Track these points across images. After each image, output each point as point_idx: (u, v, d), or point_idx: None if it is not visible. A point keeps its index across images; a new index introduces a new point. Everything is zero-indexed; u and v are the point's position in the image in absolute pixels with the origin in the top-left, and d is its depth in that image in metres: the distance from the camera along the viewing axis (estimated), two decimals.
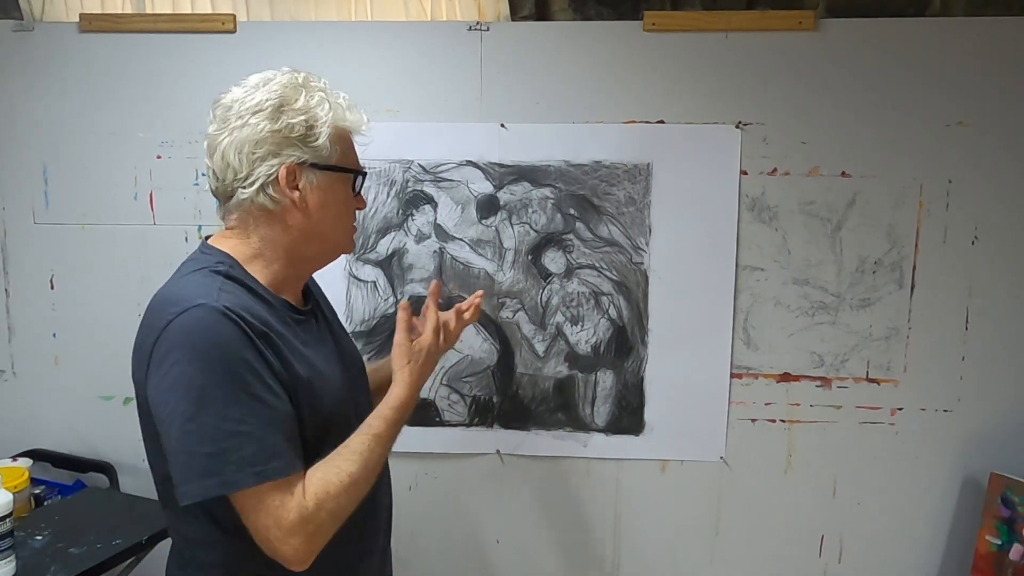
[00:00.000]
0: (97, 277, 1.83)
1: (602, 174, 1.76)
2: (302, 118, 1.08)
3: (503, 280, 1.79)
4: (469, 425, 1.84)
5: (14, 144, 1.80)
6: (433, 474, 1.86)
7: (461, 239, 1.79)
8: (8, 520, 1.32)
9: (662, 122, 1.74)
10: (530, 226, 1.78)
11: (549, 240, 1.78)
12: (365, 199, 1.22)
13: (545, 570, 1.89)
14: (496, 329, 1.81)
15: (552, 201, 1.77)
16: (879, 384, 1.78)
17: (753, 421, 1.81)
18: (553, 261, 1.79)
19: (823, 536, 1.84)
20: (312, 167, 1.10)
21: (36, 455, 1.83)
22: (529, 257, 1.79)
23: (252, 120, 1.07)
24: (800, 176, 1.74)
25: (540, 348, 1.81)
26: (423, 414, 1.81)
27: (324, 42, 1.75)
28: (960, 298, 1.75)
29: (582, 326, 1.80)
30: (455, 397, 1.83)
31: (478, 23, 1.74)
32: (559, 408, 1.82)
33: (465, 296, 1.78)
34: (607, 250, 1.78)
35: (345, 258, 1.79)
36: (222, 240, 1.12)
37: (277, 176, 1.08)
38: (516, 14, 1.81)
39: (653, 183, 1.75)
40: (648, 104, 1.73)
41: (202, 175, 1.77)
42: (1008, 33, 1.67)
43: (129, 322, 1.78)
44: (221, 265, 1.08)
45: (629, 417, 1.82)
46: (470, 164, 1.77)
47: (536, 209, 1.77)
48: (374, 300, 1.80)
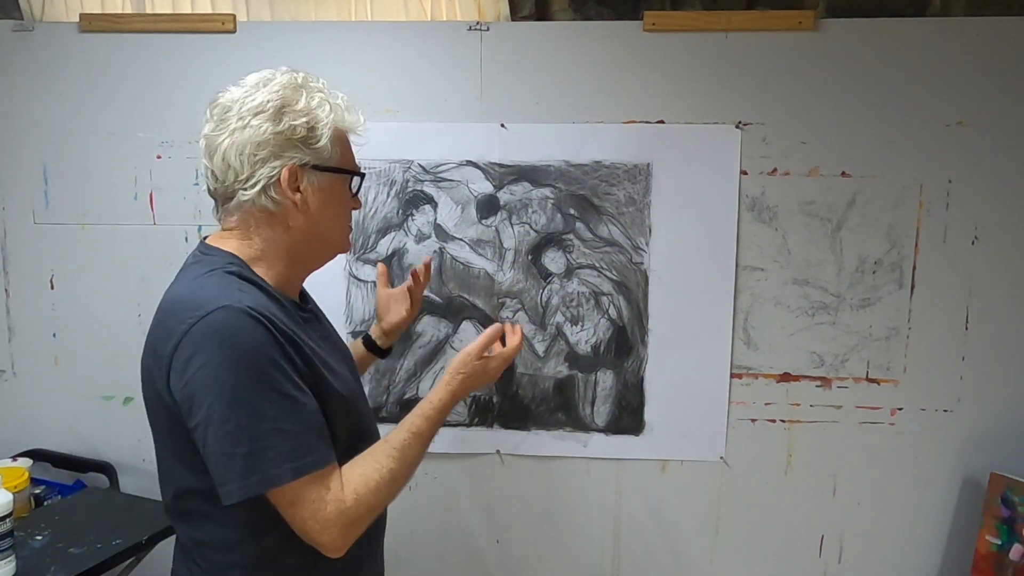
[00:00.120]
0: (97, 277, 1.83)
1: (602, 174, 1.76)
2: (304, 120, 1.08)
3: (503, 280, 1.79)
4: (469, 425, 1.84)
5: (14, 144, 1.80)
6: (433, 474, 1.86)
7: (461, 239, 1.79)
8: (8, 520, 1.32)
9: (662, 122, 1.74)
10: (530, 226, 1.78)
11: (549, 240, 1.78)
12: (361, 200, 1.23)
13: (545, 570, 1.89)
14: None
15: (552, 201, 1.77)
16: (879, 384, 1.78)
17: (753, 421, 1.81)
18: (553, 261, 1.79)
19: (823, 536, 1.84)
20: (313, 169, 1.10)
21: (36, 455, 1.83)
22: (529, 257, 1.79)
23: (254, 121, 1.06)
24: (800, 176, 1.74)
25: (540, 348, 1.81)
26: None
27: (324, 42, 1.75)
28: (960, 298, 1.75)
29: (582, 326, 1.80)
30: None
31: (478, 23, 1.74)
32: (559, 408, 1.82)
33: (465, 296, 1.80)
34: (607, 250, 1.78)
35: (345, 258, 1.79)
36: (223, 241, 1.12)
37: (279, 178, 1.08)
38: (516, 14, 1.81)
39: (653, 183, 1.75)
40: (648, 104, 1.74)
41: (202, 175, 1.77)
42: (1008, 33, 1.67)
43: (129, 322, 1.82)
44: (232, 266, 1.08)
45: (629, 417, 1.82)
46: (470, 164, 1.77)
47: (536, 209, 1.77)
48: (374, 300, 1.80)
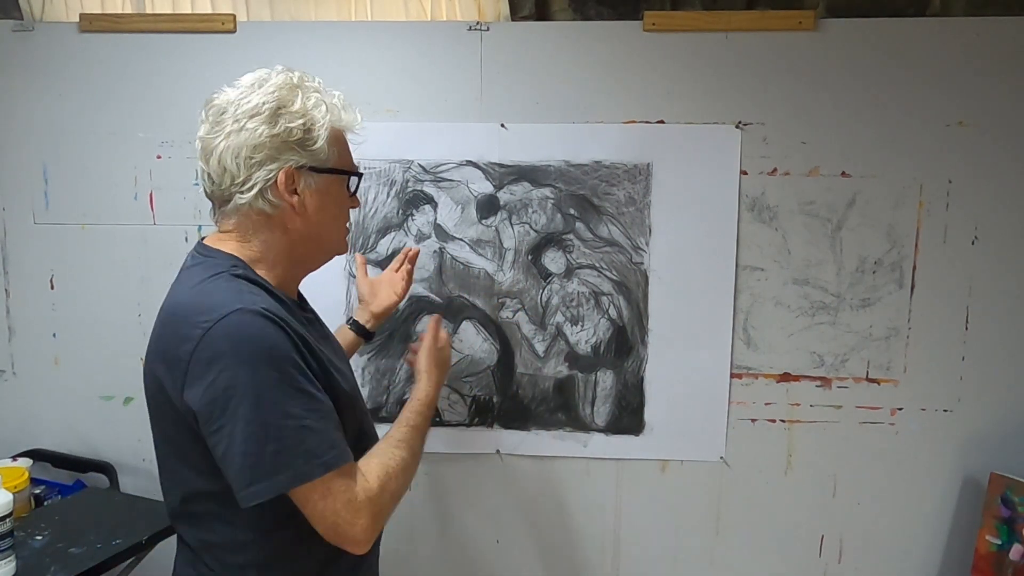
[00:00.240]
0: (97, 277, 1.83)
1: (602, 174, 1.76)
2: (300, 122, 1.07)
3: (503, 280, 1.79)
4: (469, 425, 1.84)
5: (14, 144, 1.80)
6: (433, 474, 1.86)
7: (461, 239, 1.79)
8: (8, 520, 1.32)
9: (662, 122, 1.74)
10: (530, 226, 1.78)
11: (549, 240, 1.78)
12: (360, 198, 1.23)
13: (545, 570, 1.89)
14: (496, 329, 1.81)
15: (552, 201, 1.77)
16: (879, 384, 1.78)
17: (753, 421, 1.81)
18: (553, 261, 1.79)
19: (823, 536, 1.84)
20: (310, 170, 1.10)
21: (36, 455, 1.83)
22: (529, 257, 1.79)
23: (249, 124, 1.06)
24: (800, 176, 1.74)
25: (540, 348, 1.81)
26: None
27: (324, 42, 1.75)
28: (960, 298, 1.75)
29: (582, 326, 1.80)
30: (455, 397, 1.83)
31: (478, 23, 1.74)
32: (559, 408, 1.82)
33: (465, 296, 1.80)
34: (607, 250, 1.78)
35: (345, 258, 1.78)
36: (221, 242, 1.12)
37: (275, 181, 1.07)
38: (516, 14, 1.81)
39: (653, 183, 1.75)
40: (648, 104, 1.74)
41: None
42: (1008, 33, 1.67)
43: (129, 322, 1.82)
44: (236, 268, 1.08)
45: (629, 417, 1.82)
46: (470, 164, 1.77)
47: (536, 209, 1.77)
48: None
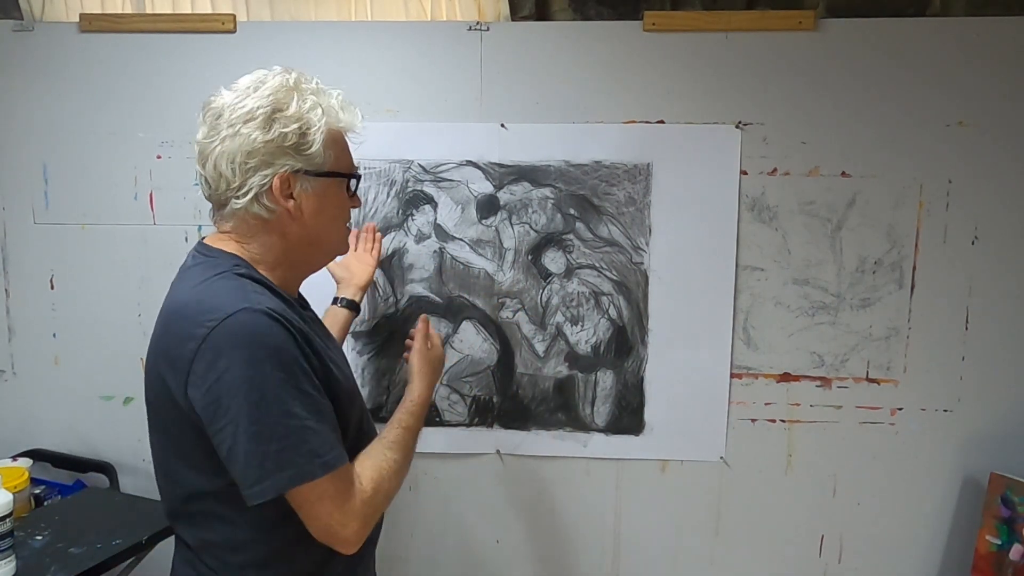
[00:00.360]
0: (97, 277, 1.83)
1: (602, 174, 1.76)
2: (295, 126, 1.07)
3: (503, 280, 1.79)
4: (469, 425, 1.84)
5: (14, 144, 1.80)
6: (433, 474, 1.86)
7: (461, 239, 1.79)
8: (8, 520, 1.32)
9: (662, 122, 1.74)
10: (530, 226, 1.78)
11: (549, 240, 1.78)
12: (360, 198, 1.23)
13: (545, 570, 1.89)
14: (496, 329, 1.81)
15: (552, 201, 1.77)
16: (879, 384, 1.78)
17: (753, 421, 1.81)
18: (553, 261, 1.79)
19: (823, 536, 1.84)
20: (306, 174, 1.09)
21: (36, 455, 1.83)
22: (529, 257, 1.79)
23: (244, 129, 1.05)
24: (800, 176, 1.74)
25: (540, 348, 1.81)
26: None
27: (324, 42, 1.75)
28: (960, 298, 1.75)
29: (582, 326, 1.80)
30: (455, 397, 1.83)
31: (478, 23, 1.74)
32: (559, 408, 1.82)
33: (465, 296, 1.80)
34: (607, 250, 1.78)
35: None
36: (222, 242, 1.12)
37: (271, 186, 1.07)
38: (516, 14, 1.81)
39: (653, 183, 1.75)
40: (648, 104, 1.73)
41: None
42: (1008, 33, 1.67)
43: (129, 322, 1.82)
44: (239, 267, 1.08)
45: (629, 417, 1.82)
46: (470, 164, 1.77)
47: (536, 209, 1.77)
48: (374, 300, 1.80)
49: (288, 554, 1.09)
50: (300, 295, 1.22)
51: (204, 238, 1.15)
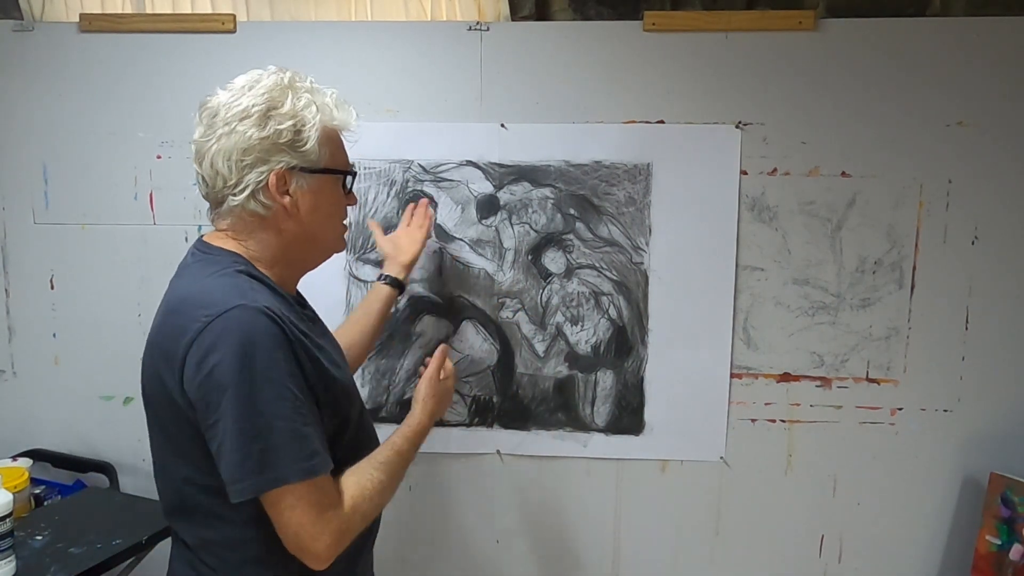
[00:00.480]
0: (97, 277, 1.83)
1: (602, 174, 1.76)
2: (290, 123, 1.08)
3: (503, 280, 1.79)
4: (469, 425, 1.84)
5: (14, 144, 1.80)
6: (433, 474, 1.86)
7: (461, 239, 1.79)
8: (8, 520, 1.32)
9: (662, 122, 1.74)
10: (530, 226, 1.78)
11: (549, 240, 1.78)
12: (356, 196, 1.23)
13: (545, 570, 1.89)
14: (496, 329, 1.81)
15: (552, 201, 1.77)
16: (879, 384, 1.78)
17: (753, 421, 1.81)
18: (553, 261, 1.79)
19: (823, 536, 1.84)
20: (302, 171, 1.10)
21: (36, 455, 1.83)
22: (529, 257, 1.79)
23: (239, 127, 1.06)
24: (800, 176, 1.74)
25: (540, 348, 1.81)
26: None
27: (324, 42, 1.75)
28: (960, 298, 1.75)
29: (582, 326, 1.80)
30: (455, 397, 1.82)
31: (478, 23, 1.74)
32: (559, 408, 1.82)
33: (465, 296, 1.80)
34: (607, 250, 1.78)
35: (345, 258, 1.79)
36: (220, 240, 1.13)
37: (267, 183, 1.08)
38: (516, 14, 1.81)
39: (653, 183, 1.75)
40: (648, 104, 1.73)
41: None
42: (1008, 33, 1.67)
43: (129, 322, 1.82)
44: (237, 265, 1.08)
45: (629, 417, 1.82)
46: (470, 164, 1.77)
47: (536, 209, 1.77)
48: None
49: (287, 552, 1.08)
50: (298, 293, 1.23)
51: (204, 235, 1.15)
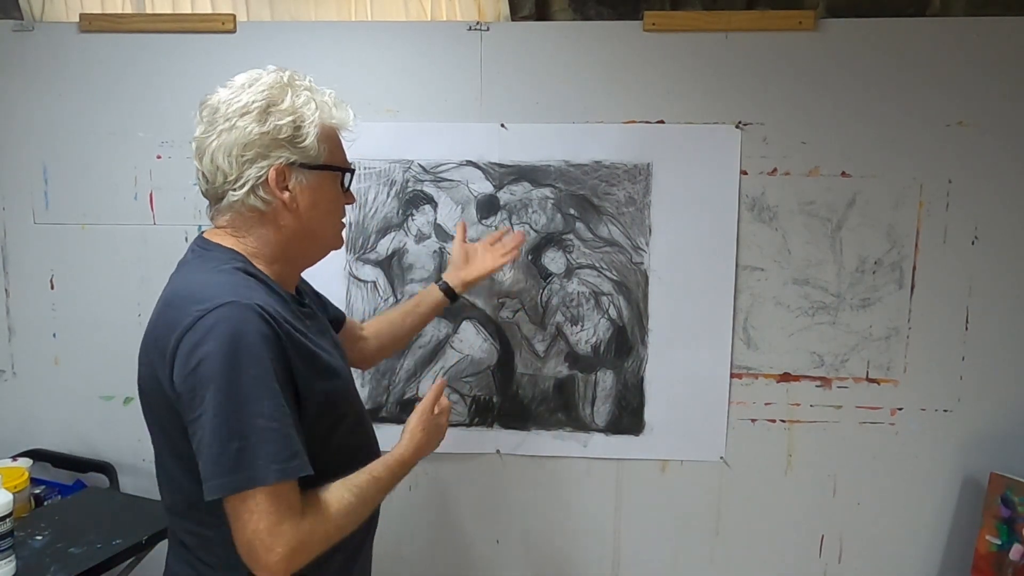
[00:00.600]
0: (97, 277, 1.83)
1: (602, 174, 1.76)
2: (289, 119, 1.09)
3: (503, 280, 1.79)
4: (469, 425, 1.84)
5: (14, 144, 1.80)
6: (433, 474, 1.86)
7: None
8: (8, 520, 1.32)
9: (662, 122, 1.74)
10: (530, 226, 1.78)
11: (549, 240, 1.78)
12: (354, 194, 1.23)
13: (545, 570, 1.89)
14: (496, 329, 1.81)
15: (552, 201, 1.77)
16: (879, 384, 1.78)
17: (753, 421, 1.81)
18: (553, 261, 1.79)
19: (823, 536, 1.84)
20: (301, 167, 1.11)
21: (36, 455, 1.83)
22: (529, 257, 1.79)
23: (239, 123, 1.07)
24: (800, 176, 1.74)
25: (540, 348, 1.81)
26: None
27: (324, 42, 1.75)
28: (960, 298, 1.75)
29: (582, 326, 1.80)
30: (455, 397, 1.82)
31: (478, 23, 1.74)
32: (559, 408, 1.82)
33: (465, 296, 1.79)
34: (607, 250, 1.78)
35: (345, 258, 1.79)
36: (221, 237, 1.13)
37: (266, 178, 1.08)
38: (516, 14, 1.81)
39: (653, 183, 1.75)
40: (648, 104, 1.73)
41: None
42: (1008, 33, 1.67)
43: (129, 322, 1.82)
44: (236, 262, 1.09)
45: (629, 417, 1.82)
46: (470, 164, 1.77)
47: (536, 209, 1.77)
48: (374, 300, 1.80)
49: None
50: (298, 291, 1.23)
51: (204, 232, 1.16)
